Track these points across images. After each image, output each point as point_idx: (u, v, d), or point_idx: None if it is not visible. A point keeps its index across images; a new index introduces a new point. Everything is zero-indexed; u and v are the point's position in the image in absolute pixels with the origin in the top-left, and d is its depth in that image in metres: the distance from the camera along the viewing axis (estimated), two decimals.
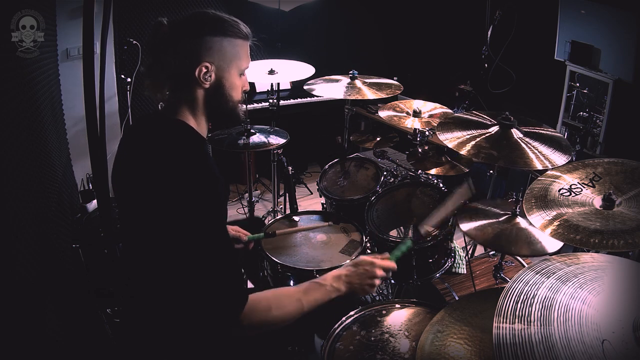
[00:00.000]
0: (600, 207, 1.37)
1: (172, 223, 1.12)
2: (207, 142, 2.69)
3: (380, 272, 1.39)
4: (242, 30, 1.27)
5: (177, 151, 1.18)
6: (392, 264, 1.44)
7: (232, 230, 1.85)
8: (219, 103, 1.28)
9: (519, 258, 2.18)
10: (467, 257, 2.24)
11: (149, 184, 1.17)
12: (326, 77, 2.80)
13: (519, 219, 1.78)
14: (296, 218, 2.15)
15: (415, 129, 2.36)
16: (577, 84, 3.31)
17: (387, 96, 2.59)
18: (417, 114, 2.47)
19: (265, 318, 1.20)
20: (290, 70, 2.94)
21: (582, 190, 1.46)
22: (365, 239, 1.98)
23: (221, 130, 2.78)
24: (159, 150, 1.19)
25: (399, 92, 2.70)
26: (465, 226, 1.80)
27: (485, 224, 1.79)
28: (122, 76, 3.25)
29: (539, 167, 1.68)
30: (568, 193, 1.46)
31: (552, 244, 1.65)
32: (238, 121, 1.39)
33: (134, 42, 3.25)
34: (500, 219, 1.80)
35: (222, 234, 1.19)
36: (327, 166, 2.68)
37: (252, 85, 4.01)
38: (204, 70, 1.21)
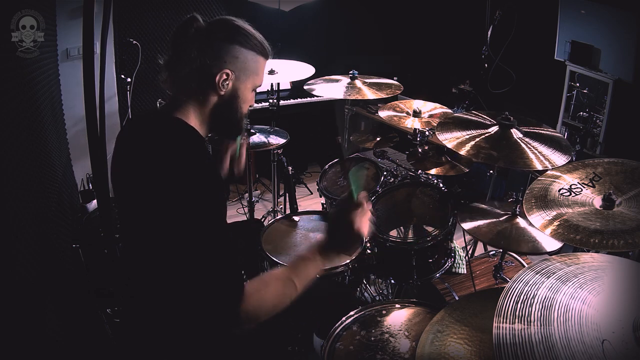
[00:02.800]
0: (600, 207, 1.37)
1: (172, 221, 1.11)
2: (207, 142, 2.69)
3: (359, 221, 1.23)
4: (267, 48, 1.32)
5: (177, 149, 1.18)
6: (363, 207, 1.25)
7: None
8: (228, 112, 1.30)
9: (519, 258, 2.19)
10: (467, 257, 2.24)
11: (148, 181, 1.16)
12: (326, 77, 2.81)
13: (519, 219, 1.78)
14: (296, 218, 2.15)
15: (415, 129, 2.36)
16: (577, 84, 3.31)
17: (387, 96, 2.59)
18: (417, 114, 2.47)
19: (261, 308, 1.16)
20: (290, 70, 2.94)
21: (582, 190, 1.46)
22: (365, 239, 1.98)
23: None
24: (159, 148, 1.19)
25: (399, 92, 2.70)
26: (466, 225, 1.80)
27: (485, 224, 1.80)
28: (122, 76, 3.25)
29: (539, 167, 1.68)
30: (568, 193, 1.47)
31: (552, 242, 1.65)
32: (238, 133, 1.40)
33: (134, 42, 3.25)
34: (501, 219, 1.81)
35: (222, 231, 1.18)
36: (327, 166, 2.68)
37: None
38: (224, 77, 1.22)
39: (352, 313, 1.53)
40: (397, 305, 1.59)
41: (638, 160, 1.50)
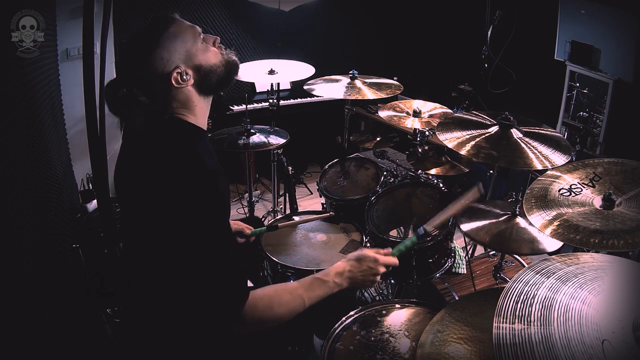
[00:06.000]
0: (600, 207, 1.37)
1: (172, 221, 1.12)
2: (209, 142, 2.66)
3: (382, 269, 1.39)
4: (168, 17, 1.25)
5: (173, 150, 1.18)
6: (394, 260, 1.43)
7: (235, 224, 1.86)
8: (210, 80, 1.27)
9: (519, 258, 2.19)
10: (467, 257, 2.24)
11: (148, 184, 1.17)
12: (326, 77, 2.80)
13: (519, 219, 1.78)
14: (296, 218, 2.15)
15: (415, 129, 2.36)
16: (577, 84, 3.31)
17: (387, 96, 2.59)
18: (417, 114, 2.47)
19: (267, 314, 1.20)
20: (290, 70, 2.94)
21: (582, 190, 1.46)
22: (365, 239, 1.98)
23: (222, 129, 2.79)
24: (155, 150, 1.19)
25: (399, 92, 2.70)
26: (466, 226, 1.80)
27: (485, 224, 1.79)
28: None
29: (539, 167, 1.68)
30: (568, 193, 1.46)
31: (552, 243, 1.65)
32: (236, 70, 1.33)
33: None
34: (500, 219, 1.80)
35: (223, 229, 1.18)
36: (327, 166, 2.68)
37: (252, 85, 4.01)
38: (177, 75, 1.20)
39: (352, 313, 1.53)
40: (397, 305, 1.59)
41: (638, 160, 1.50)
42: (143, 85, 1.20)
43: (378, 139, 2.85)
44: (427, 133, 2.33)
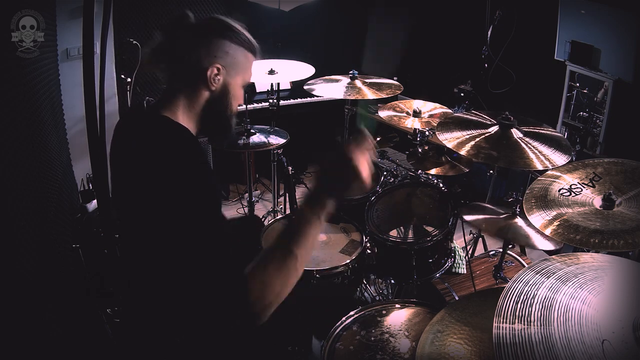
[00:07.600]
0: (600, 207, 1.37)
1: (162, 218, 1.10)
2: (207, 142, 2.67)
3: (363, 160, 1.09)
4: (255, 46, 1.33)
5: (163, 147, 1.17)
6: (366, 139, 1.13)
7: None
8: (220, 108, 1.30)
9: (519, 258, 2.19)
10: (467, 257, 2.24)
11: (138, 181, 1.17)
12: (326, 77, 2.80)
13: (519, 219, 1.78)
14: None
15: (415, 129, 2.36)
16: (577, 84, 3.31)
17: (387, 96, 2.59)
18: (417, 114, 2.47)
19: (265, 287, 1.05)
20: (290, 70, 2.94)
21: (582, 190, 1.46)
22: (365, 239, 1.98)
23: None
24: (145, 148, 1.18)
25: (399, 92, 2.70)
26: (468, 218, 1.80)
27: (486, 219, 1.80)
28: (122, 76, 3.24)
29: (539, 167, 1.68)
30: (568, 193, 1.46)
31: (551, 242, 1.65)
32: (228, 131, 1.37)
33: (134, 42, 3.24)
34: (500, 217, 1.81)
35: (214, 225, 1.16)
36: None
37: (252, 85, 4.01)
38: (215, 71, 1.23)
39: (352, 313, 1.53)
40: (397, 305, 1.59)
41: (638, 160, 1.50)
42: (185, 52, 1.22)
43: (378, 139, 2.85)
44: (427, 133, 2.33)
